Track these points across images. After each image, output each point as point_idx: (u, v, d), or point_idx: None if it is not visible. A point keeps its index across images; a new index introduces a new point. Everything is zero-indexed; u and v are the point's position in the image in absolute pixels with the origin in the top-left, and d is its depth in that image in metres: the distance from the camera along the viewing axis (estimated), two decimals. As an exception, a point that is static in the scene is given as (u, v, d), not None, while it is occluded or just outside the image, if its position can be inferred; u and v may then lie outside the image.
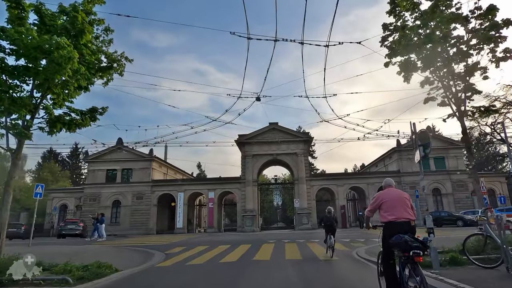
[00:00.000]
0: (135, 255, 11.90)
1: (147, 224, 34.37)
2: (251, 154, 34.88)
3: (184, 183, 35.63)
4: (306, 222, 32.84)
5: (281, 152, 34.97)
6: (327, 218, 10.71)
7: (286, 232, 29.86)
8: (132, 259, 10.61)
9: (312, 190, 34.88)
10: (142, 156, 35.87)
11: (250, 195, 33.80)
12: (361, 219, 37.12)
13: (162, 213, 37.92)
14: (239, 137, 35.00)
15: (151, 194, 35.27)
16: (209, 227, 33.96)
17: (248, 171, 34.37)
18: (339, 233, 13.01)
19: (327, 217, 10.76)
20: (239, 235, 25.15)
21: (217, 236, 24.27)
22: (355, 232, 23.09)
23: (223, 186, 35.18)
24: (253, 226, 32.74)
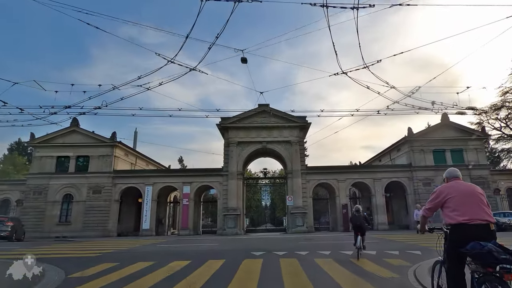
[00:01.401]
0: None
1: (105, 224, 27.86)
2: (236, 141, 28.88)
3: (152, 174, 29.27)
4: (301, 224, 27.04)
5: (272, 139, 29.10)
6: (356, 218, 10.30)
7: (277, 236, 23.91)
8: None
9: (309, 185, 29.11)
10: (102, 141, 29.34)
11: (234, 190, 27.78)
12: (366, 220, 31.69)
13: (127, 212, 31.43)
14: (222, 120, 28.95)
15: (112, 188, 28.77)
16: (183, 229, 27.75)
17: (232, 162, 28.35)
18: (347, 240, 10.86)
19: (356, 217, 10.34)
20: (217, 240, 19.10)
21: (185, 242, 18.12)
22: (368, 239, 17.42)
23: (201, 179, 29.02)
24: (236, 228, 26.73)
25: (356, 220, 10.05)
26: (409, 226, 28.98)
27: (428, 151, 29.79)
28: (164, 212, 31.90)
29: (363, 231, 9.88)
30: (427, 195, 28.45)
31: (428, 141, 29.82)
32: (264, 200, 40.09)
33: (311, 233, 26.78)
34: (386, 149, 35.11)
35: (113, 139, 29.26)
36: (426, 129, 30.26)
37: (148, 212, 28.28)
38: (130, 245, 16.76)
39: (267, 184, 33.10)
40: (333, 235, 22.93)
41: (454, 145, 30.00)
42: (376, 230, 27.83)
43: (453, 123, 30.65)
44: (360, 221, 9.99)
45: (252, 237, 22.45)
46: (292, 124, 29.05)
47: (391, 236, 18.89)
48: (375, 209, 28.82)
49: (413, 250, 11.59)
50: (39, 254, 11.18)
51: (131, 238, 25.46)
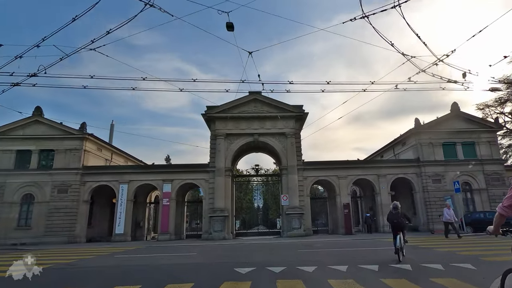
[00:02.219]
0: None
1: (72, 228, 24.06)
2: (224, 134, 25.47)
3: (128, 171, 25.56)
4: (298, 226, 23.74)
5: (265, 131, 25.78)
6: (393, 215, 9.58)
7: (271, 241, 20.51)
8: None
9: (306, 183, 25.86)
10: (69, 133, 25.55)
11: (221, 188, 24.34)
12: (369, 222, 28.61)
13: (100, 214, 27.71)
14: (208, 109, 25.51)
15: (80, 186, 24.99)
16: (163, 233, 24.13)
17: (220, 156, 24.92)
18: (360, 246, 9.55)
19: (393, 214, 9.61)
20: (198, 248, 15.64)
21: (157, 251, 14.59)
22: (381, 244, 14.18)
23: (184, 176, 25.47)
24: (223, 231, 23.28)
25: (394, 218, 9.38)
26: (418, 228, 25.96)
27: (437, 145, 26.85)
28: (143, 214, 28.23)
29: (402, 228, 9.35)
30: (437, 193, 25.51)
31: (437, 134, 26.89)
32: (256, 201, 36.63)
33: (309, 236, 23.53)
34: (390, 143, 32.11)
35: (82, 131, 25.50)
36: (434, 120, 27.32)
37: (123, 214, 24.59)
38: (83, 255, 13.22)
39: (259, 182, 29.76)
40: (336, 239, 19.67)
41: (465, 137, 27.13)
42: (382, 232, 24.73)
43: (463, 114, 27.81)
44: (398, 218, 9.33)
45: (242, 243, 19.05)
46: (287, 114, 25.78)
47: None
48: (380, 209, 25.71)
49: (458, 262, 8.40)
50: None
51: (100, 244, 21.78)
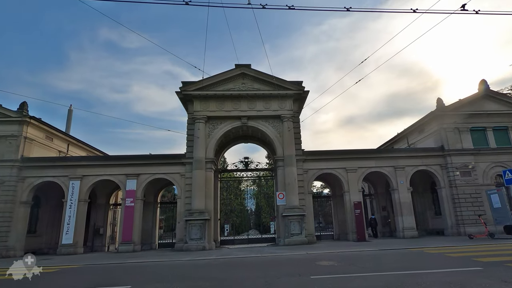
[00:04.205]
0: None
1: (4, 238, 18.39)
2: (204, 116, 20.24)
3: (80, 163, 19.96)
4: (298, 231, 18.63)
5: (256, 113, 20.66)
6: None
7: (265, 254, 15.09)
8: None
9: (307, 177, 20.82)
10: (4, 115, 19.93)
11: (201, 184, 19.04)
12: (374, 225, 23.79)
13: (50, 219, 22.04)
14: (184, 85, 20.25)
15: (17, 183, 19.35)
16: (124, 243, 18.62)
17: (199, 145, 19.66)
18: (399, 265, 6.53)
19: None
20: (154, 268, 10.25)
21: (73, 276, 9.19)
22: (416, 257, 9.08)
23: (153, 170, 20.08)
24: (203, 239, 17.95)
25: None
26: (444, 232, 21.18)
27: (464, 130, 22.19)
28: (104, 219, 22.64)
29: None
30: (467, 188, 20.77)
31: (464, 117, 22.25)
32: (247, 202, 31.23)
33: (312, 244, 18.47)
34: (402, 132, 27.37)
35: (21, 112, 19.89)
36: (458, 102, 22.72)
37: (73, 219, 19.02)
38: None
39: (250, 179, 24.57)
40: (354, 249, 14.57)
41: (497, 121, 22.58)
42: (402, 238, 19.84)
43: (494, 93, 23.27)
44: None
45: (224, 257, 13.71)
46: (283, 92, 20.71)
47: (446, 250, 10.72)
48: (398, 208, 20.81)
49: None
50: None
51: (38, 259, 16.20)
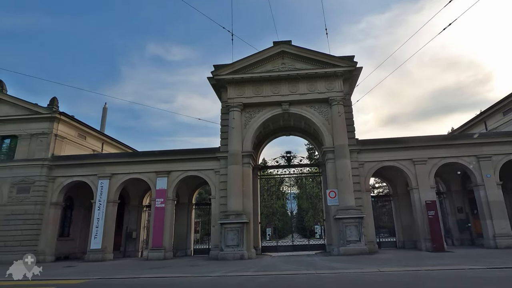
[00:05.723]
0: None
1: (34, 241, 17.35)
2: (240, 103, 17.68)
3: (109, 160, 18.45)
4: (356, 238, 15.16)
5: (299, 98, 17.62)
6: None
7: (321, 269, 11.75)
8: None
9: (363, 171, 17.27)
10: (35, 112, 19.15)
11: (237, 182, 16.43)
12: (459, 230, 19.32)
13: (82, 221, 20.90)
14: (216, 69, 17.91)
15: (48, 183, 18.33)
16: (154, 249, 16.59)
17: (234, 136, 17.12)
18: None
19: None
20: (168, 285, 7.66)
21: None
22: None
23: (185, 166, 17.92)
24: (241, 246, 15.24)
25: None
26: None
27: None
28: (137, 222, 21.02)
29: None
30: None
31: None
32: (290, 203, 28.03)
33: (374, 253, 14.92)
34: (478, 115, 22.51)
35: (51, 109, 18.99)
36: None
37: (101, 222, 17.48)
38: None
39: (294, 175, 21.42)
40: (452, 267, 10.87)
41: None
42: (493, 247, 15.42)
43: None
44: None
45: (263, 274, 10.49)
46: (331, 71, 17.46)
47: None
48: (485, 210, 16.34)
49: None
50: None
51: (62, 265, 14.80)
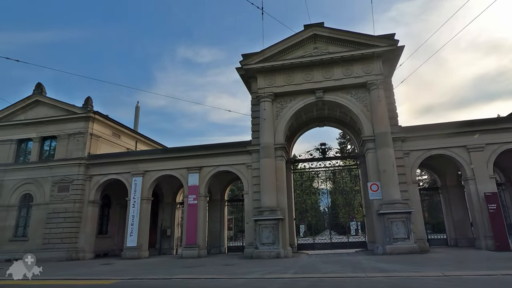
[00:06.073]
0: None
1: (74, 239, 17.79)
2: (271, 93, 16.78)
3: (141, 157, 18.41)
4: (404, 235, 13.70)
5: (333, 84, 16.34)
6: None
7: (371, 272, 10.16)
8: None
9: (409, 161, 15.66)
10: (72, 112, 19.63)
11: (271, 176, 15.57)
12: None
13: (119, 218, 21.24)
14: (245, 59, 17.13)
15: (85, 182, 18.73)
16: (188, 247, 16.25)
17: (266, 128, 16.27)
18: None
19: None
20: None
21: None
22: None
23: (216, 161, 17.40)
24: (277, 244, 14.38)
25: None
26: None
27: None
28: (171, 219, 20.95)
29: None
30: None
31: None
32: (323, 198, 26.46)
33: (425, 253, 13.41)
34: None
35: (85, 108, 19.37)
36: None
37: (136, 219, 17.49)
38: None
39: (331, 168, 20.03)
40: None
41: None
42: None
43: None
44: None
45: (304, 277, 9.22)
46: (369, 52, 15.93)
47: None
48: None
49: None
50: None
51: (93, 265, 14.96)
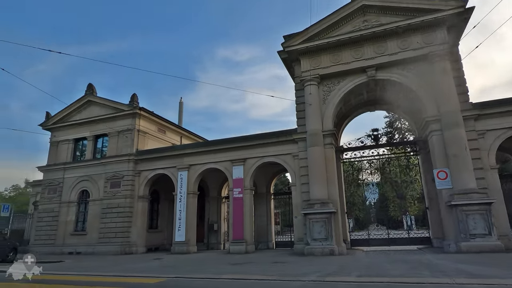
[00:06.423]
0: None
1: (126, 233, 18.25)
2: (316, 75, 15.35)
3: (186, 151, 18.17)
4: (483, 231, 11.59)
5: (387, 59, 14.34)
6: None
7: (461, 279, 6.87)
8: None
9: (484, 143, 13.23)
10: (120, 110, 20.13)
11: (319, 165, 14.22)
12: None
13: (168, 213, 21.47)
14: (287, 41, 15.88)
15: (134, 177, 19.12)
16: (235, 242, 15.65)
17: (313, 114, 14.93)
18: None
19: None
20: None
21: None
22: None
23: (261, 152, 16.50)
24: (330, 240, 13.08)
25: None
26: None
27: None
28: (217, 214, 20.62)
29: None
30: None
31: None
32: (370, 190, 23.74)
33: (511, 252, 11.13)
34: None
35: (132, 105, 19.73)
36: None
37: (183, 214, 17.37)
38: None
39: (383, 157, 17.88)
40: None
41: None
42: None
43: None
44: None
45: (372, 282, 7.58)
46: (429, 18, 13.66)
47: None
48: None
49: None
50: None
51: (150, 257, 15.05)
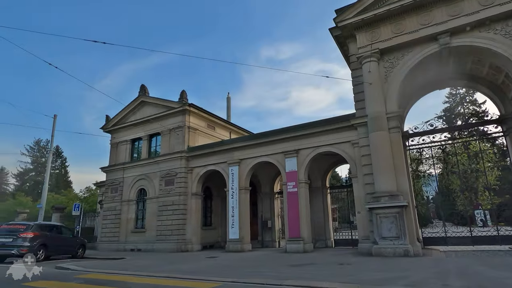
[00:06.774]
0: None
1: (182, 231, 18.14)
2: (376, 50, 13.30)
3: (236, 145, 17.34)
4: None
5: (464, 21, 11.74)
6: None
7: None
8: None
9: None
10: (170, 107, 20.17)
11: (385, 153, 12.25)
12: None
13: (221, 210, 21.03)
14: (339, 15, 14.09)
15: (186, 174, 18.97)
16: (292, 240, 14.38)
17: (373, 94, 12.98)
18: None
19: None
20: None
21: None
22: None
23: (315, 142, 14.98)
24: (403, 238, 11.09)
25: None
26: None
27: None
28: (271, 210, 19.55)
29: None
30: None
31: None
32: (430, 181, 20.40)
33: None
34: None
35: (181, 102, 19.64)
36: None
37: (236, 210, 16.65)
38: None
39: (459, 141, 14.87)
40: None
41: None
42: None
43: None
44: None
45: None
46: (522, -35, 10.95)
47: None
48: None
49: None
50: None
51: (204, 255, 14.60)
